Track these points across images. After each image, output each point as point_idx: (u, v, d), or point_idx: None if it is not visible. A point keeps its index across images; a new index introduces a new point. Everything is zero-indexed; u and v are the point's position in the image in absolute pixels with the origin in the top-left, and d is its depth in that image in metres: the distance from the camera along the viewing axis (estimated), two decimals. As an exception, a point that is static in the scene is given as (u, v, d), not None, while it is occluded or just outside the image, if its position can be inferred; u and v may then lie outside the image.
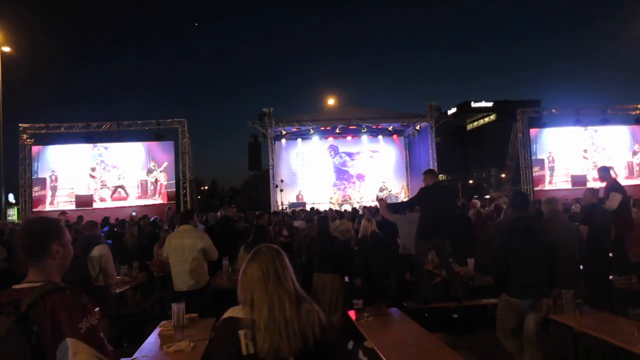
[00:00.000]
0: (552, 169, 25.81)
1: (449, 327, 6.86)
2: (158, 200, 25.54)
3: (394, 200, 24.30)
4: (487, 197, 31.69)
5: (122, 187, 25.80)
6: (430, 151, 24.37)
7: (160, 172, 25.72)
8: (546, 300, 4.70)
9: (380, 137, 27.87)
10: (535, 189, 25.11)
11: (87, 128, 25.44)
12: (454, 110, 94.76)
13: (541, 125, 26.04)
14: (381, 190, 27.28)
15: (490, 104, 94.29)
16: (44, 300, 1.91)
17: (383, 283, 6.89)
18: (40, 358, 1.86)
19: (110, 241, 9.58)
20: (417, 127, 25.74)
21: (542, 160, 25.76)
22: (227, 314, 2.23)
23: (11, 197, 26.84)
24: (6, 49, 24.80)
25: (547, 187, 25.44)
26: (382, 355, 3.72)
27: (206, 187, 65.54)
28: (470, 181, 76.74)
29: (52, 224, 2.18)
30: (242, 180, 68.41)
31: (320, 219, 7.44)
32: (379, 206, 9.21)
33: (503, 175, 33.64)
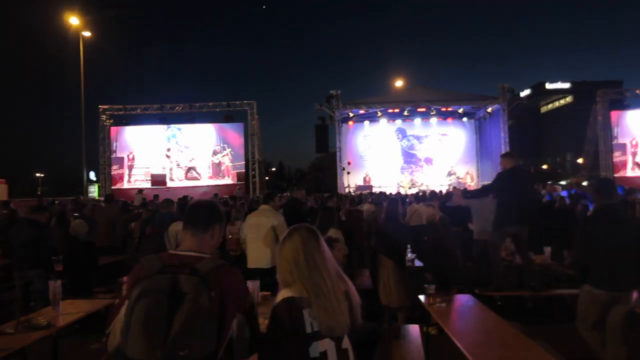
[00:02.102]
0: (634, 154, 24.35)
1: (523, 317, 6.66)
2: (228, 180, 26.20)
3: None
4: (563, 183, 30.32)
5: (194, 168, 26.67)
6: (502, 135, 23.57)
7: (224, 156, 26.34)
8: (635, 293, 4.45)
9: (449, 119, 27.21)
10: (616, 175, 23.78)
11: (161, 110, 26.39)
12: (527, 92, 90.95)
13: (623, 107, 24.57)
14: (449, 174, 26.73)
15: (567, 85, 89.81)
16: (217, 271, 2.06)
17: (452, 269, 6.76)
18: (220, 319, 2.00)
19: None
20: (489, 110, 24.92)
21: (624, 145, 24.34)
22: (283, 295, 2.25)
23: (92, 175, 28.36)
24: (87, 34, 26.00)
25: (630, 173, 24.04)
26: (457, 343, 3.65)
27: (274, 169, 66.52)
28: (544, 166, 73.72)
29: (220, 211, 2.41)
30: (309, 162, 68.94)
31: (390, 202, 7.37)
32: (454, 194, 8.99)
33: (580, 161, 32.14)
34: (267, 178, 37.14)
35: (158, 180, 26.36)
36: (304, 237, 2.32)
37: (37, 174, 74.64)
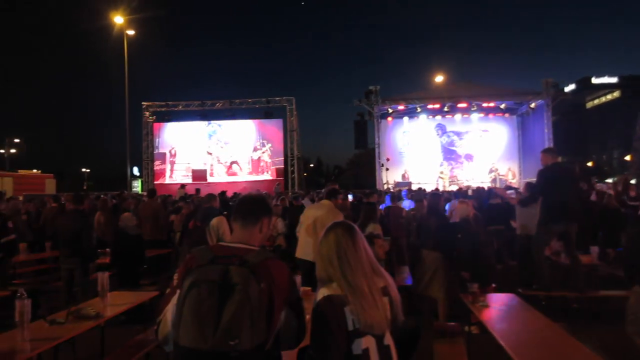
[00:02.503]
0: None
1: (569, 318, 6.49)
2: (267, 176, 26.46)
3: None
4: (609, 180, 29.36)
5: (235, 162, 27.04)
6: (546, 131, 22.99)
7: (263, 152, 26.59)
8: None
9: (491, 115, 26.70)
10: (667, 173, 22.88)
11: (202, 106, 26.84)
12: (572, 86, 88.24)
13: (675, 103, 23.57)
14: (490, 171, 26.24)
15: (614, 80, 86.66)
16: (266, 263, 2.09)
17: (486, 267, 6.63)
18: (269, 311, 2.03)
19: (225, 212, 10.06)
20: (532, 105, 24.34)
21: (677, 142, 23.38)
22: (322, 293, 2.25)
23: (136, 170, 29.11)
24: (130, 32, 26.61)
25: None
26: (502, 342, 3.59)
27: (312, 165, 66.75)
28: (589, 164, 71.52)
29: (269, 204, 2.47)
30: (347, 158, 68.87)
31: (433, 196, 7.29)
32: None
33: (627, 158, 30.98)
34: (305, 174, 37.29)
35: (199, 176, 26.83)
36: (338, 235, 2.31)
37: (83, 170, 77.06)
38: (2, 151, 62.63)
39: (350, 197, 13.13)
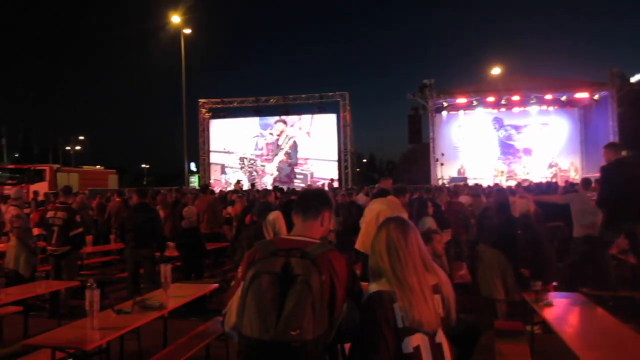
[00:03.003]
0: None
1: (637, 319, 6.19)
2: (323, 169, 26.59)
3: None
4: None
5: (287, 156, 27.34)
6: (611, 123, 22.00)
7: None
8: None
9: (551, 108, 25.74)
10: None
11: (256, 102, 27.21)
12: (638, 77, 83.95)
13: None
14: (550, 166, 25.33)
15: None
16: (327, 256, 2.12)
17: (546, 265, 6.39)
18: (331, 303, 2.06)
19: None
20: (595, 97, 23.32)
21: None
22: (372, 289, 2.23)
23: (193, 166, 29.92)
24: (187, 31, 27.24)
25: None
26: (568, 344, 3.46)
27: (365, 160, 66.53)
28: (657, 158, 67.84)
29: (330, 198, 2.49)
30: (401, 153, 68.25)
31: (499, 192, 7.11)
32: None
33: (700, 152, 29.21)
34: (357, 169, 37.21)
35: (254, 171, 27.34)
36: (390, 230, 2.30)
37: (143, 166, 79.73)
38: (68, 148, 65.76)
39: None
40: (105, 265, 10.12)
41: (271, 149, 27.56)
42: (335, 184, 22.81)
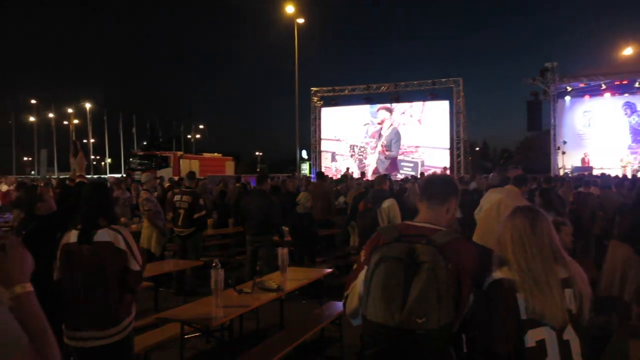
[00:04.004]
0: None
1: None
2: (434, 157, 26.07)
3: None
4: None
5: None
6: None
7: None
8: None
9: (694, 90, 23.07)
10: None
11: (367, 90, 27.22)
12: None
13: None
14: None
15: None
16: (454, 244, 2.08)
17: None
18: (457, 292, 2.02)
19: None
20: None
21: None
22: (495, 277, 2.11)
23: (304, 154, 30.60)
24: (300, 21, 27.75)
25: None
26: None
27: (477, 149, 64.24)
28: None
29: (456, 184, 2.46)
30: (516, 141, 65.00)
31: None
32: None
33: None
34: (469, 158, 35.99)
35: (363, 158, 27.44)
36: (517, 217, 2.16)
37: (257, 153, 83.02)
38: (189, 136, 70.20)
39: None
40: (223, 247, 10.66)
41: (375, 137, 27.49)
42: (448, 173, 22.26)
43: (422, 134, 26.56)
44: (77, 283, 3.17)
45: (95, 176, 40.53)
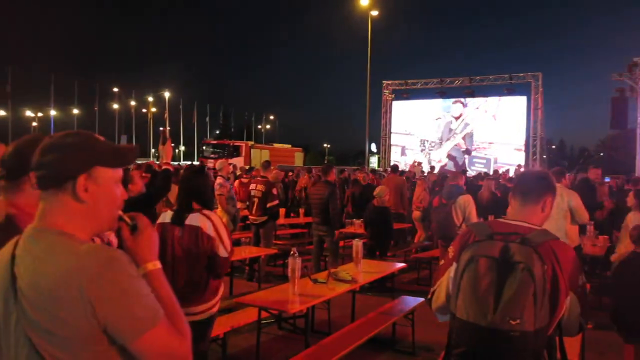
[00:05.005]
0: None
1: None
2: (509, 155, 25.22)
3: None
4: None
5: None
6: None
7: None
8: None
9: None
10: None
11: (440, 84, 26.69)
12: None
13: None
14: None
15: None
16: (551, 245, 2.00)
17: None
18: (553, 295, 1.93)
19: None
20: None
21: None
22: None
23: (373, 147, 30.48)
24: (374, 13, 27.48)
25: None
26: None
27: (553, 146, 61.63)
28: None
29: (552, 181, 2.31)
30: (597, 139, 61.79)
31: None
32: None
33: None
34: (544, 156, 34.55)
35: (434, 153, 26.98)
36: None
37: (325, 145, 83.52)
38: (259, 126, 71.57)
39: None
40: (293, 237, 10.80)
41: (446, 132, 26.88)
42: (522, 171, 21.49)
43: (496, 129, 25.74)
44: (167, 262, 3.30)
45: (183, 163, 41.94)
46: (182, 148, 62.98)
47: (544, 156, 31.62)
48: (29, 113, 58.37)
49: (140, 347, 1.18)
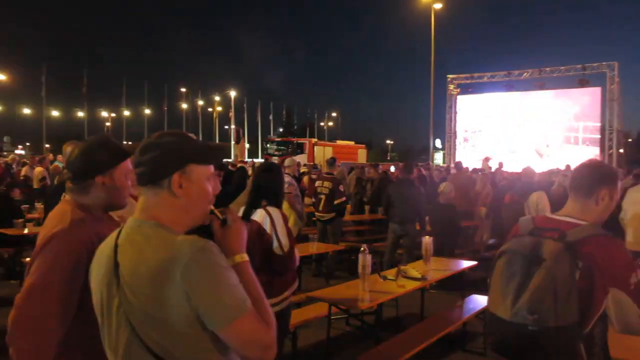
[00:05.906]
0: None
1: None
2: (583, 149, 24.12)
3: None
4: None
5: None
6: None
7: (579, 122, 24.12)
8: None
9: None
10: None
11: (508, 77, 25.90)
12: None
13: None
14: None
15: None
16: (590, 240, 1.93)
17: None
18: (586, 292, 1.88)
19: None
20: None
21: None
22: None
23: (438, 143, 29.99)
24: (438, 6, 26.97)
25: None
26: None
27: (630, 140, 58.44)
28: None
29: (609, 171, 2.17)
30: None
31: None
32: None
33: None
34: (620, 150, 32.82)
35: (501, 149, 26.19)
36: None
37: (388, 141, 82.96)
38: (322, 124, 71.98)
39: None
40: (358, 233, 10.80)
41: (514, 126, 25.96)
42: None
43: (568, 123, 24.70)
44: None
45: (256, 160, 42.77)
46: (247, 146, 64.29)
47: (621, 150, 30.05)
48: (104, 114, 61.32)
49: (229, 334, 1.25)
